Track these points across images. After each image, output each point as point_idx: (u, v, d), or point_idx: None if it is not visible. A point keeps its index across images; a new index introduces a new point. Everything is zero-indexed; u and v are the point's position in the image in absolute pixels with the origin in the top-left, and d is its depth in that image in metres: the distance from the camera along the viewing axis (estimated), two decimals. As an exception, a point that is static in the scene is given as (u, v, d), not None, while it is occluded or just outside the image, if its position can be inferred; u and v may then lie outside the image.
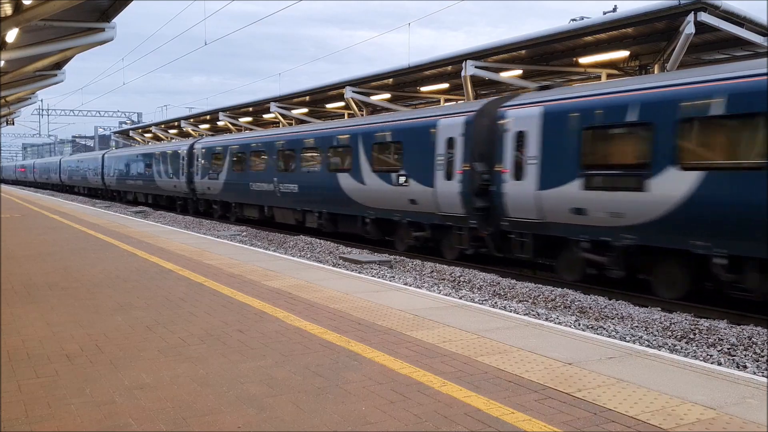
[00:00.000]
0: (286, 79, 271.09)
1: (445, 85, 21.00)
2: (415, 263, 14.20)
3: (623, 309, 9.69)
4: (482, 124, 13.88)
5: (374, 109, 24.30)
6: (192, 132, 39.74)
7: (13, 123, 38.29)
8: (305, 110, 28.53)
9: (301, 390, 4.04)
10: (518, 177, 12.74)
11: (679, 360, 4.86)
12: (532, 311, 9.37)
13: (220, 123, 34.86)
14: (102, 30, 13.48)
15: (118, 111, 72.00)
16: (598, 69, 16.69)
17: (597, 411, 3.73)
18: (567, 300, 10.38)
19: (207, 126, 38.78)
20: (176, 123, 40.77)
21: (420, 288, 10.88)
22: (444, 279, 12.54)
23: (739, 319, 9.33)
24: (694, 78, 10.02)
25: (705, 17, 11.94)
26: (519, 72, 17.63)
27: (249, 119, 33.87)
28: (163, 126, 44.37)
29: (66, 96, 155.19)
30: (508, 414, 3.67)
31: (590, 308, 9.86)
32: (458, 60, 17.15)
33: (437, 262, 14.44)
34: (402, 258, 15.12)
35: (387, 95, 23.06)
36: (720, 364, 7.02)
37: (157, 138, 47.80)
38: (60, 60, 16.52)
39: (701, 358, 7.23)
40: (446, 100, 22.96)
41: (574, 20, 15.28)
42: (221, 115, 32.81)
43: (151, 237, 14.15)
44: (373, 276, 12.16)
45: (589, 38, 14.54)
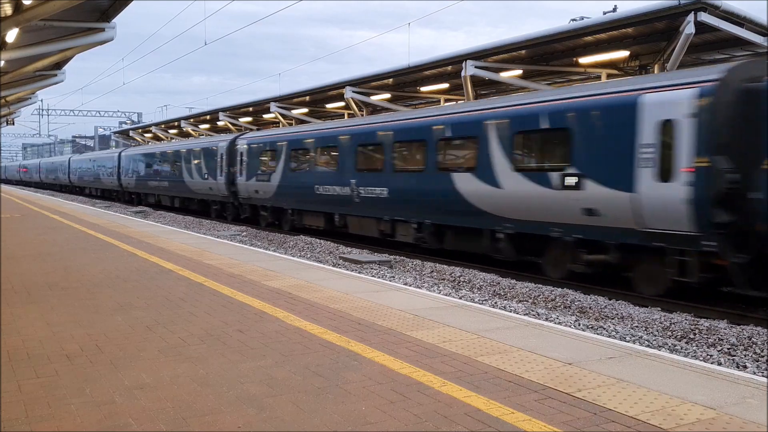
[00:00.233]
0: (286, 79, 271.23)
1: (445, 85, 21.01)
2: (415, 263, 14.19)
3: (623, 309, 9.69)
4: (727, 100, 9.73)
5: (374, 109, 24.29)
6: (191, 130, 39.61)
7: (13, 123, 38.29)
8: (305, 110, 28.54)
9: (301, 390, 4.04)
10: None
11: (679, 360, 4.86)
12: (532, 311, 9.37)
13: (220, 123, 34.83)
14: (102, 30, 13.48)
15: (118, 111, 72.07)
16: (598, 69, 16.69)
17: (597, 411, 3.73)
18: (567, 300, 10.38)
19: (207, 126, 38.75)
20: (176, 123, 40.76)
21: (420, 288, 10.88)
22: (444, 279, 12.54)
23: (739, 319, 9.32)
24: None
25: (705, 17, 11.94)
26: (519, 72, 17.62)
27: (249, 119, 33.87)
28: (164, 126, 44.35)
29: (66, 96, 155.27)
30: (508, 414, 3.67)
31: (590, 308, 9.86)
32: (458, 60, 17.14)
33: (437, 262, 14.43)
34: (402, 258, 15.11)
35: (387, 95, 23.06)
36: (720, 364, 7.02)
37: (157, 138, 47.65)
38: (60, 60, 16.52)
39: (701, 358, 7.23)
40: (446, 101, 22.96)
41: (574, 20, 15.28)
42: (221, 115, 32.82)
43: (151, 237, 14.15)
44: (373, 276, 12.16)
45: (589, 38, 14.54)
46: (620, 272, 11.44)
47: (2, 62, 14.83)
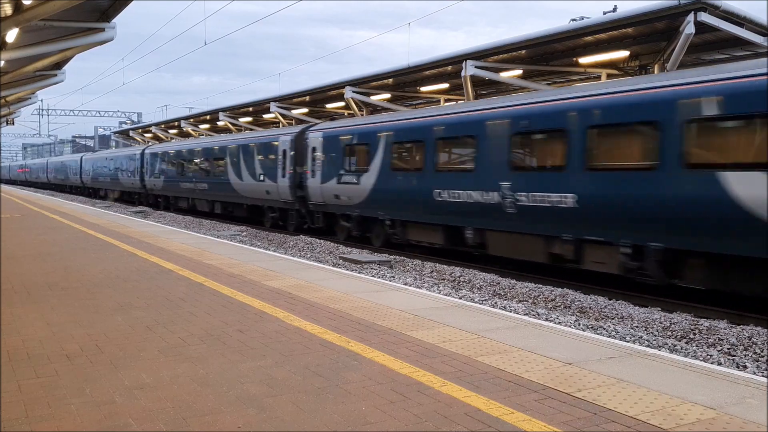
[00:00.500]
0: (286, 79, 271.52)
1: (445, 85, 21.00)
2: (415, 263, 14.19)
3: (623, 309, 9.69)
4: None
5: (374, 109, 24.28)
6: (191, 130, 39.56)
7: (13, 123, 38.32)
8: (305, 110, 28.53)
9: (301, 390, 4.04)
10: None
11: (679, 360, 4.86)
12: (532, 311, 9.37)
13: (220, 123, 34.81)
14: (102, 30, 13.49)
15: (118, 111, 72.08)
16: (598, 69, 16.69)
17: (597, 411, 3.73)
18: (567, 300, 10.38)
19: (207, 126, 38.75)
20: (176, 123, 40.76)
21: (420, 288, 10.88)
22: (444, 279, 12.53)
23: (739, 319, 9.32)
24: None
25: (705, 17, 11.94)
26: (519, 72, 17.62)
27: (249, 119, 33.87)
28: (164, 126, 44.36)
29: (66, 96, 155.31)
30: (508, 414, 3.67)
31: (590, 308, 9.86)
32: (458, 60, 17.14)
33: (437, 262, 14.43)
34: (402, 258, 15.11)
35: (387, 95, 23.06)
36: (720, 364, 7.02)
37: (157, 138, 47.59)
38: (60, 60, 16.53)
39: (701, 358, 7.23)
40: (446, 100, 22.96)
41: (574, 20, 15.28)
42: (221, 115, 32.81)
43: (151, 237, 14.15)
44: (373, 276, 12.16)
45: (589, 38, 14.54)
46: None
47: (2, 62, 14.83)
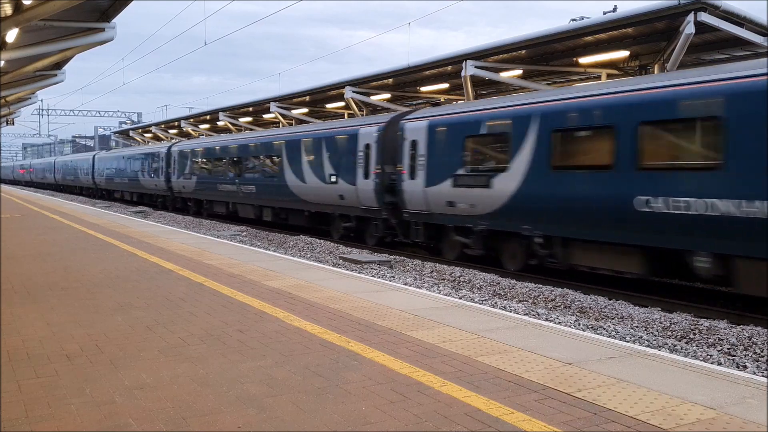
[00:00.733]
0: (286, 79, 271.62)
1: (445, 85, 21.01)
2: (415, 263, 14.19)
3: (623, 309, 9.69)
4: None
5: (375, 109, 24.29)
6: (191, 130, 39.51)
7: (13, 123, 38.32)
8: (305, 110, 28.53)
9: (301, 390, 4.04)
10: None
11: (679, 360, 4.86)
12: (532, 311, 9.37)
13: (220, 123, 34.81)
14: (102, 30, 13.49)
15: (118, 111, 72.09)
16: (598, 69, 16.69)
17: (597, 411, 3.73)
18: (567, 300, 10.37)
19: (207, 126, 38.76)
20: (176, 123, 40.78)
21: (420, 288, 10.88)
22: (444, 279, 12.53)
23: (739, 319, 9.32)
24: None
25: (705, 17, 11.94)
26: (519, 72, 17.63)
27: (249, 119, 33.88)
28: (163, 126, 44.37)
29: (66, 96, 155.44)
30: (508, 414, 3.67)
31: (590, 308, 9.86)
32: (458, 60, 17.15)
33: (437, 262, 14.43)
34: (402, 258, 15.11)
35: (387, 95, 23.06)
36: (720, 364, 7.02)
37: (157, 138, 47.58)
38: (60, 60, 16.53)
39: (701, 358, 7.23)
40: (446, 100, 22.96)
41: (574, 20, 15.28)
42: (221, 115, 32.83)
43: (151, 237, 14.15)
44: (373, 276, 12.16)
45: (589, 38, 14.54)
46: None
47: (2, 62, 14.83)
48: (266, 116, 31.64)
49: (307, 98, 25.91)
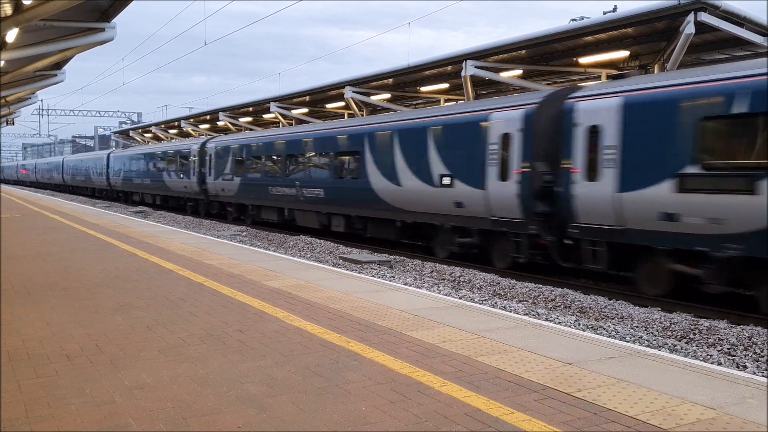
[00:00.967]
0: (286, 79, 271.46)
1: (445, 85, 21.00)
2: (415, 263, 14.19)
3: (623, 309, 9.69)
4: None
5: (374, 109, 24.29)
6: (192, 130, 39.44)
7: (13, 123, 38.30)
8: (305, 110, 28.53)
9: (301, 390, 4.04)
10: None
11: (679, 360, 4.86)
12: (532, 311, 9.37)
13: (220, 123, 34.81)
14: (102, 30, 13.48)
15: (118, 111, 72.10)
16: (598, 69, 16.69)
17: (597, 411, 3.73)
18: (567, 300, 10.38)
19: (207, 126, 38.76)
20: (176, 123, 40.78)
21: (420, 288, 10.88)
22: (444, 279, 12.53)
23: (739, 319, 9.33)
24: None
25: (705, 17, 11.94)
26: (519, 72, 17.63)
27: (249, 119, 33.89)
28: (164, 126, 44.37)
29: (66, 96, 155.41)
30: (508, 414, 3.67)
31: (590, 308, 9.86)
32: (458, 60, 17.15)
33: (437, 262, 14.43)
34: (402, 258, 15.11)
35: (387, 95, 23.06)
36: (720, 364, 7.02)
37: (157, 138, 47.48)
38: (60, 60, 16.52)
39: (701, 358, 7.23)
40: (446, 100, 22.96)
41: (574, 20, 15.28)
42: (221, 115, 32.83)
43: (151, 237, 14.15)
44: (373, 276, 12.16)
45: (589, 38, 14.54)
46: None
47: (2, 62, 14.83)
48: (266, 116, 31.65)
49: (307, 98, 25.91)
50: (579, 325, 8.54)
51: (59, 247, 11.73)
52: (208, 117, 35.81)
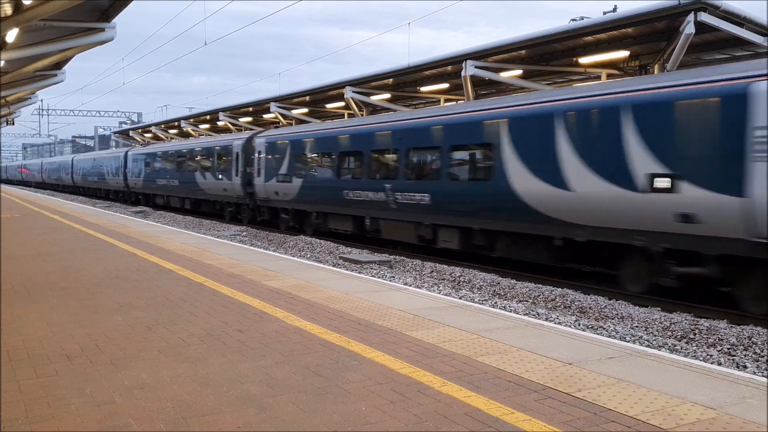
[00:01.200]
0: (286, 79, 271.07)
1: (445, 85, 21.00)
2: (415, 263, 14.19)
3: (623, 309, 9.69)
4: None
5: (374, 109, 24.28)
6: (191, 130, 39.39)
7: (13, 123, 38.31)
8: (305, 110, 28.53)
9: (301, 390, 4.04)
10: None
11: (679, 360, 4.86)
12: (532, 311, 9.37)
13: (220, 123, 34.81)
14: (102, 30, 13.49)
15: (118, 111, 72.12)
16: (598, 69, 16.69)
17: (597, 411, 3.73)
18: (567, 300, 10.38)
19: (207, 126, 38.76)
20: (176, 123, 40.78)
21: (420, 288, 10.88)
22: (444, 279, 12.53)
23: (739, 319, 9.33)
24: None
25: (705, 17, 11.94)
26: (519, 72, 17.63)
27: (249, 119, 33.89)
28: (164, 126, 44.37)
29: (66, 96, 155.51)
30: (508, 414, 3.67)
31: (590, 308, 9.86)
32: (458, 60, 17.14)
33: (437, 262, 14.43)
34: (402, 258, 15.11)
35: (387, 95, 23.06)
36: (720, 364, 7.02)
37: (157, 137, 47.37)
38: (60, 60, 16.53)
39: (701, 358, 7.23)
40: (446, 100, 22.96)
41: (574, 20, 15.28)
42: (221, 115, 32.83)
43: (151, 237, 14.15)
44: (373, 276, 12.16)
45: (589, 38, 14.54)
46: None
47: (2, 62, 14.83)
48: (266, 116, 31.65)
49: (307, 98, 25.90)
50: (579, 325, 8.54)
51: (59, 247, 11.73)
52: (208, 117, 35.82)
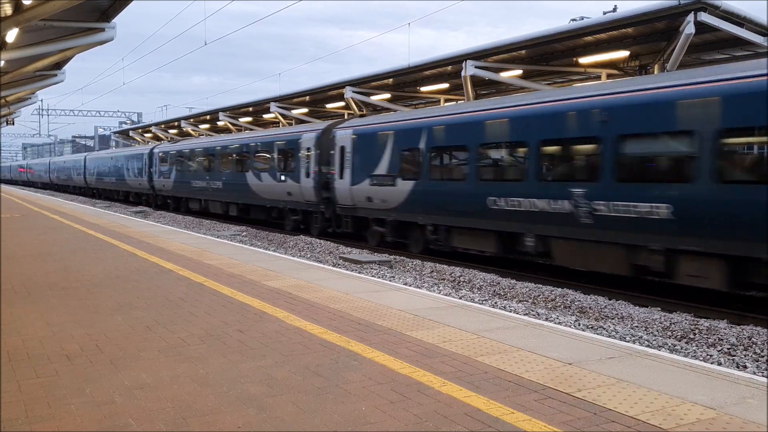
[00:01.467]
0: (286, 79, 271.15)
1: (445, 85, 21.01)
2: (415, 263, 14.19)
3: (623, 309, 9.69)
4: None
5: (374, 109, 24.28)
6: (191, 130, 39.42)
7: (13, 123, 38.32)
8: (305, 110, 28.53)
9: (301, 390, 4.04)
10: None
11: (679, 360, 4.86)
12: (532, 311, 9.37)
13: (220, 123, 34.81)
14: (102, 30, 13.49)
15: (118, 111, 72.14)
16: (598, 69, 16.69)
17: (597, 411, 3.73)
18: (567, 300, 10.37)
19: (207, 126, 38.76)
20: (176, 123, 40.79)
21: (420, 288, 10.87)
22: (444, 279, 12.53)
23: (739, 319, 9.32)
24: None
25: (705, 17, 11.94)
26: (519, 72, 17.63)
27: (249, 119, 33.89)
28: (164, 126, 44.37)
29: (66, 96, 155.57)
30: (508, 414, 3.67)
31: (590, 308, 9.86)
32: (458, 60, 17.15)
33: (437, 262, 14.43)
34: (402, 258, 15.10)
35: (387, 95, 23.06)
36: (720, 364, 7.02)
37: (157, 138, 47.33)
38: (60, 60, 16.53)
39: (701, 358, 7.23)
40: (446, 101, 22.96)
41: (574, 20, 15.29)
42: (221, 115, 32.83)
43: (151, 237, 14.14)
44: (373, 276, 12.16)
45: (589, 38, 14.54)
46: None
47: (2, 62, 14.83)
48: (266, 116, 31.65)
49: (307, 98, 25.92)
50: (579, 325, 8.53)
51: (59, 247, 11.73)
52: (208, 117, 35.84)
